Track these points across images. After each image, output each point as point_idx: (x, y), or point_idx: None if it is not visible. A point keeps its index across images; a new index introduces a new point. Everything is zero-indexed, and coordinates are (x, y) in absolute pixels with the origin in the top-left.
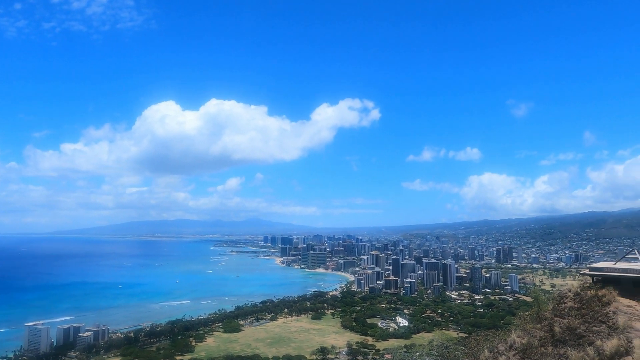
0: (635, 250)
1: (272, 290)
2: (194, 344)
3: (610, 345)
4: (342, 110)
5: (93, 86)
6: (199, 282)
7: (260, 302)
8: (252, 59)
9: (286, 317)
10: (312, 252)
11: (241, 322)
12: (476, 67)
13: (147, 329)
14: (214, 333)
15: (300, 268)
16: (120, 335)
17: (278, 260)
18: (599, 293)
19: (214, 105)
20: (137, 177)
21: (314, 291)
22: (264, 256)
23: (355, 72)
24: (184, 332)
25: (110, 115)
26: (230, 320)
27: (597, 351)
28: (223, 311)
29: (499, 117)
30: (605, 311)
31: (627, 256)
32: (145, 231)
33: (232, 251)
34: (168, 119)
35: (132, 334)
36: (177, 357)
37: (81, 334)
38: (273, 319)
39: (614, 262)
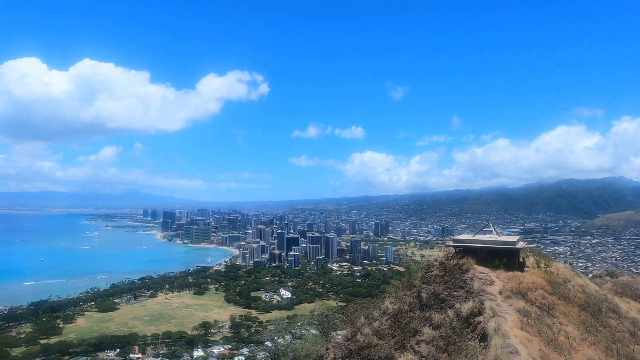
0: (490, 224)
1: (152, 266)
2: (61, 325)
3: (466, 307)
4: (230, 82)
5: None
6: (67, 260)
7: (139, 279)
8: (135, 19)
9: (167, 294)
10: (195, 226)
11: (117, 301)
12: (357, 42)
13: (5, 312)
14: (86, 313)
15: (183, 243)
16: None
17: (159, 235)
18: (460, 262)
19: (88, 67)
20: None
21: (197, 266)
22: (144, 231)
23: (246, 44)
24: (49, 314)
25: None
26: (105, 299)
27: (455, 313)
28: (96, 290)
29: (381, 98)
30: (464, 277)
31: (483, 229)
32: (2, 204)
33: (107, 226)
34: (30, 78)
35: None
36: (42, 341)
37: None
38: (152, 296)
39: (473, 235)
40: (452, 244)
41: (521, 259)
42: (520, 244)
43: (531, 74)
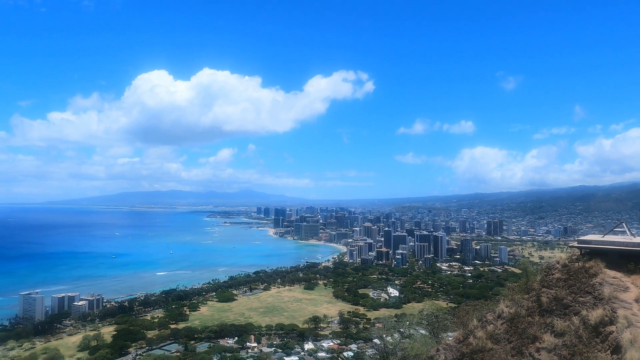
0: (624, 224)
1: (266, 260)
2: (187, 312)
3: (595, 315)
4: (335, 82)
5: (79, 54)
6: (193, 253)
7: (254, 273)
8: (249, 28)
9: (279, 287)
10: (305, 223)
11: (235, 292)
12: (468, 37)
13: (142, 298)
14: (208, 302)
15: (293, 239)
16: (114, 304)
17: (271, 231)
18: (586, 265)
19: (207, 75)
20: (128, 147)
21: (306, 262)
22: (257, 227)
23: (351, 44)
24: (178, 302)
25: (98, 84)
26: (224, 290)
27: (582, 320)
28: (217, 281)
29: (493, 90)
30: (591, 282)
31: (614, 229)
32: (138, 202)
33: (225, 222)
34: (159, 88)
35: (126, 303)
36: (172, 326)
37: (76, 303)
38: (266, 289)
39: (602, 235)
40: (577, 245)
41: None
42: None
43: None
